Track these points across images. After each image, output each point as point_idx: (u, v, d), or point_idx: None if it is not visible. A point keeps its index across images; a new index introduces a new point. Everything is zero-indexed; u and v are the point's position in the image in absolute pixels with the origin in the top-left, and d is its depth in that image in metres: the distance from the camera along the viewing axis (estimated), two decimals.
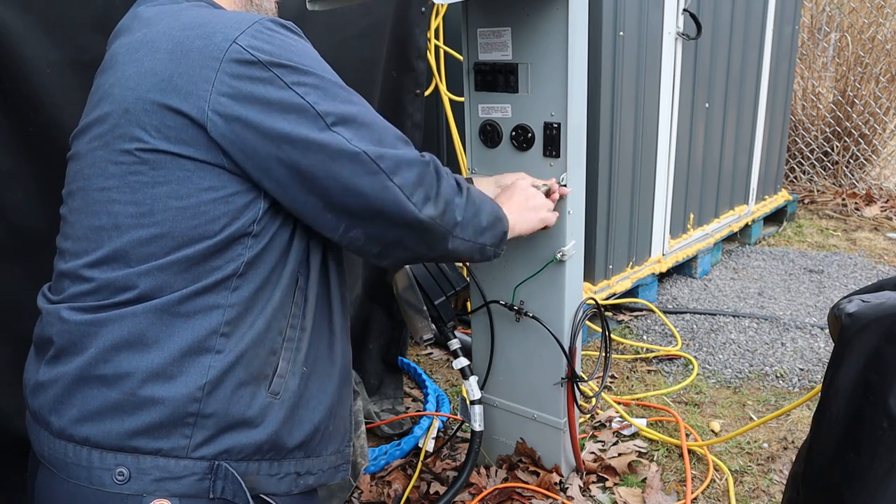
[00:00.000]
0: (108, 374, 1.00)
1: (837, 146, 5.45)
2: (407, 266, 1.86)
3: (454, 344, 1.96)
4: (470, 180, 1.60)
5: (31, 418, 1.10)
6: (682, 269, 3.93)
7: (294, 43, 1.08)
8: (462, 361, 1.99)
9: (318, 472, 1.17)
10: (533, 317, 2.02)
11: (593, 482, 2.23)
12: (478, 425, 2.03)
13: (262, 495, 1.08)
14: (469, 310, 2.18)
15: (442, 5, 2.57)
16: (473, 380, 2.01)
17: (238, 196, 1.04)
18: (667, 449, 2.41)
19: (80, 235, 1.07)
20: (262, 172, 1.04)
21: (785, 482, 2.21)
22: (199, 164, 1.01)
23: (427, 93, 2.58)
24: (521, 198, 1.62)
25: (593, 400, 2.18)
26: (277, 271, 1.10)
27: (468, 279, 2.05)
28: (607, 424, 2.55)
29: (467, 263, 2.13)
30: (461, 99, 2.08)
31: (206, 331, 1.02)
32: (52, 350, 1.05)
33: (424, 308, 1.87)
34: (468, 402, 2.04)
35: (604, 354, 2.14)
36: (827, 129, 5.50)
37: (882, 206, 5.08)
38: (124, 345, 1.00)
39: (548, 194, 1.80)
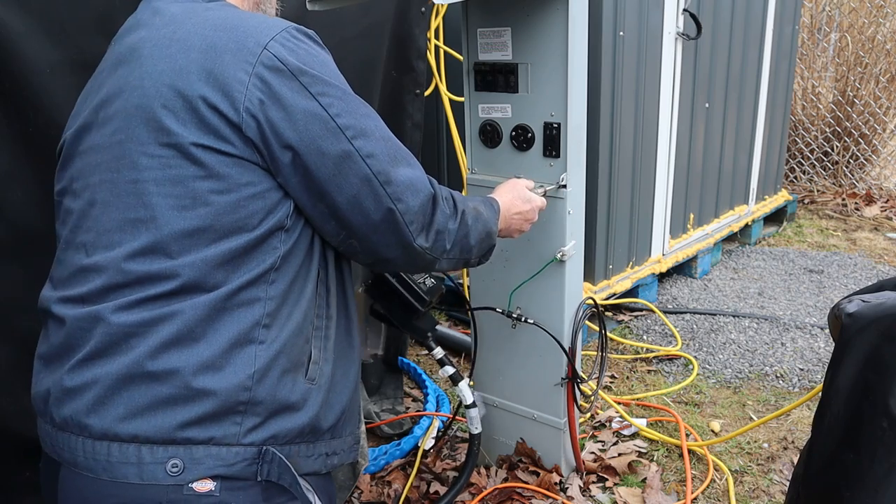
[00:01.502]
0: (158, 370, 1.02)
1: (837, 146, 5.45)
2: (360, 289, 1.85)
3: (438, 353, 1.93)
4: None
5: (53, 430, 1.08)
6: (682, 269, 3.93)
7: (317, 54, 1.12)
8: (448, 370, 1.96)
9: (340, 451, 1.23)
10: (533, 323, 2.01)
11: (593, 482, 2.23)
12: (475, 428, 2.03)
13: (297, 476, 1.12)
14: (469, 308, 2.18)
15: (442, 5, 2.57)
16: (464, 384, 1.98)
17: (273, 191, 1.09)
18: (667, 449, 2.41)
19: (110, 228, 1.07)
20: (281, 175, 1.09)
21: (785, 482, 2.21)
22: (238, 161, 1.05)
23: (427, 93, 2.58)
24: (517, 192, 1.67)
25: (592, 399, 2.18)
26: (306, 264, 1.15)
27: (444, 279, 2.02)
28: (607, 424, 2.55)
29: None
30: (461, 99, 2.08)
31: (250, 323, 1.07)
32: (81, 353, 1.04)
33: (381, 326, 1.87)
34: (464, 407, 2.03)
35: (601, 354, 2.14)
36: (827, 129, 5.50)
37: (882, 206, 5.09)
38: (173, 342, 1.02)
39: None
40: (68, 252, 1.12)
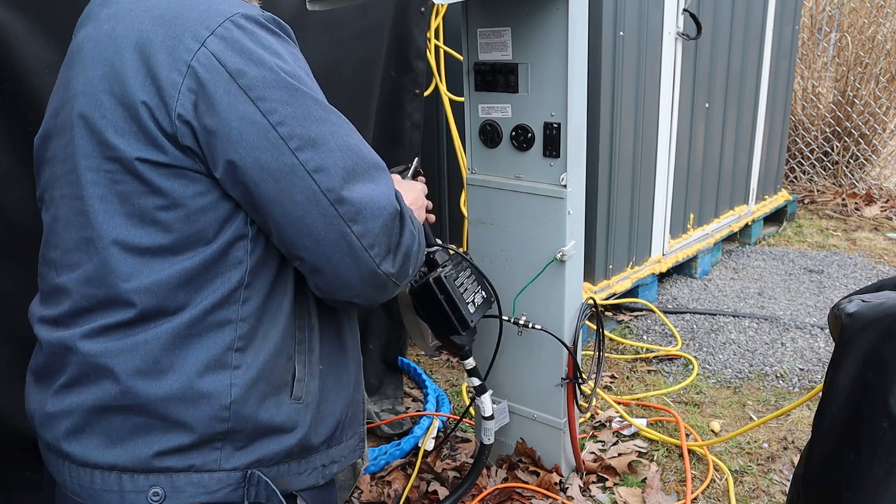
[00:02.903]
0: (129, 403, 0.97)
1: (837, 146, 5.45)
2: (406, 290, 1.75)
3: (469, 364, 1.93)
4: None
5: (45, 448, 1.07)
6: (682, 269, 3.93)
7: (267, 46, 0.97)
8: (475, 381, 1.98)
9: (340, 458, 1.17)
10: (541, 329, 2.00)
11: (593, 482, 2.23)
12: (487, 439, 2.03)
13: (291, 493, 1.08)
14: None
15: (442, 5, 2.57)
16: (486, 397, 1.99)
17: (224, 201, 0.98)
18: (667, 449, 2.40)
19: (70, 247, 1.01)
20: (225, 187, 0.98)
21: (785, 482, 2.21)
22: (179, 171, 0.95)
23: (427, 93, 2.58)
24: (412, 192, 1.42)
25: (591, 398, 2.18)
26: (282, 277, 1.05)
27: (493, 295, 1.92)
28: (607, 424, 2.55)
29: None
30: (461, 99, 2.08)
31: (221, 348, 0.99)
32: (61, 379, 1.01)
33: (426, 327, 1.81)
34: (481, 417, 2.03)
35: (598, 354, 2.14)
36: (827, 129, 5.50)
37: (882, 206, 5.08)
38: (139, 373, 0.97)
39: (415, 176, 1.65)
40: (44, 267, 1.08)
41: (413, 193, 1.39)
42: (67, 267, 1.02)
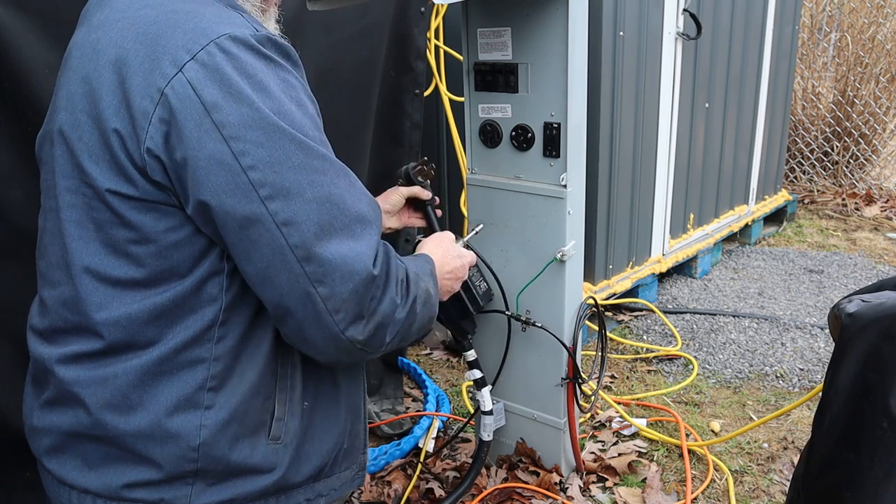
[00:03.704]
0: (99, 434, 0.96)
1: (837, 146, 5.45)
2: None
3: (471, 356, 1.96)
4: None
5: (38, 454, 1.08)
6: (682, 269, 3.93)
7: (252, 76, 0.88)
8: (475, 373, 1.99)
9: (329, 491, 1.12)
10: (540, 326, 2.01)
11: (593, 482, 2.23)
12: (486, 435, 2.03)
13: None
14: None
15: (442, 5, 2.57)
16: (486, 391, 2.00)
17: (197, 236, 0.93)
18: (667, 449, 2.40)
19: (53, 262, 0.99)
20: (198, 223, 0.92)
21: (785, 482, 2.21)
22: (152, 206, 0.90)
23: (427, 93, 2.58)
24: (446, 247, 1.38)
25: (592, 398, 2.18)
26: (263, 314, 0.98)
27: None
28: (607, 424, 2.55)
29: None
30: (461, 99, 2.08)
31: (192, 387, 0.95)
32: (45, 394, 1.02)
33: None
34: (480, 412, 2.04)
35: (600, 354, 2.14)
36: (827, 129, 5.50)
37: (882, 206, 5.08)
38: (109, 407, 0.95)
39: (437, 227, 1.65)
40: (38, 273, 1.06)
41: (455, 262, 1.33)
42: (50, 284, 1.00)
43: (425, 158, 1.66)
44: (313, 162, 0.91)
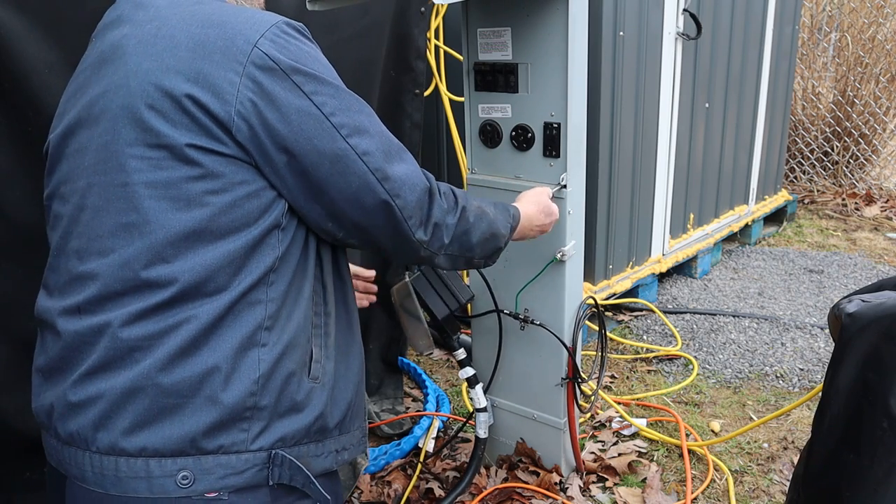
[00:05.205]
0: (165, 382, 1.00)
1: (837, 146, 5.45)
2: (408, 279, 1.89)
3: (460, 354, 1.97)
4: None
5: (59, 444, 1.07)
6: (682, 269, 3.93)
7: (308, 49, 1.10)
8: (468, 371, 2.00)
9: (350, 446, 1.23)
10: (539, 324, 2.01)
11: (593, 482, 2.23)
12: (482, 432, 2.03)
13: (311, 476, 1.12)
14: (470, 313, 2.18)
15: (442, 5, 2.57)
16: (479, 388, 2.01)
17: (267, 190, 1.07)
18: (667, 449, 2.41)
19: (102, 233, 1.04)
20: (276, 177, 1.08)
21: (785, 482, 2.21)
22: (231, 160, 1.04)
23: (427, 93, 2.58)
24: (542, 204, 1.70)
25: (592, 399, 2.18)
26: (302, 263, 1.14)
27: (471, 290, 2.05)
28: (607, 424, 2.55)
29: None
30: (461, 99, 2.08)
31: (253, 326, 1.05)
32: (83, 367, 1.02)
33: (424, 321, 1.87)
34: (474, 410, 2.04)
35: (600, 354, 2.14)
36: (827, 129, 5.50)
37: (882, 206, 5.09)
38: (179, 353, 1.01)
39: None
40: (61, 259, 1.09)
41: (543, 220, 1.67)
42: (97, 253, 1.04)
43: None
44: (363, 108, 1.14)
